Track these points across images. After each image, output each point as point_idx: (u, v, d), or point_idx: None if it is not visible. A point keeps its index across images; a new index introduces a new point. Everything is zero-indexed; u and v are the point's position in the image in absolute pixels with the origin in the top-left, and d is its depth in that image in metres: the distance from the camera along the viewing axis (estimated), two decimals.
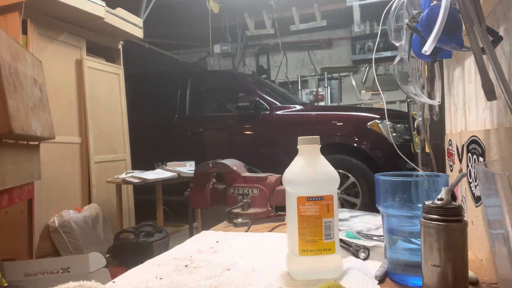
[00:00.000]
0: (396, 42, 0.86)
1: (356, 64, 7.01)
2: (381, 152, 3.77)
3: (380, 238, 0.87)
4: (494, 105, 0.70)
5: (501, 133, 0.62)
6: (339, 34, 7.19)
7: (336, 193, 0.69)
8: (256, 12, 6.30)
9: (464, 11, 0.58)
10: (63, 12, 2.90)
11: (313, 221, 0.67)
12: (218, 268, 0.75)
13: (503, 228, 0.43)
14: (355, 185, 3.80)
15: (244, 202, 1.23)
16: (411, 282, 0.63)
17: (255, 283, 0.67)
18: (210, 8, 4.91)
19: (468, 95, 0.88)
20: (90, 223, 2.94)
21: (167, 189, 3.36)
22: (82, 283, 0.59)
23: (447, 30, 0.60)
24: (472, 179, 0.76)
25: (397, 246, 0.65)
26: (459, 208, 0.54)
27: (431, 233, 0.54)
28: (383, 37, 5.22)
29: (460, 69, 0.95)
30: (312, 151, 0.70)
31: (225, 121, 4.40)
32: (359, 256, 0.78)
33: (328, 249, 0.67)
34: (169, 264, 0.79)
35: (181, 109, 4.58)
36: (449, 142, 1.02)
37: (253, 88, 4.36)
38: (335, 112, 4.31)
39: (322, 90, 7.09)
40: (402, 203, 0.64)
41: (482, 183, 0.53)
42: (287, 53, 7.34)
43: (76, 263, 2.45)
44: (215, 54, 6.95)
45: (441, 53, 0.69)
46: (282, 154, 3.89)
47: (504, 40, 0.63)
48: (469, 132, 0.81)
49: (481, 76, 0.57)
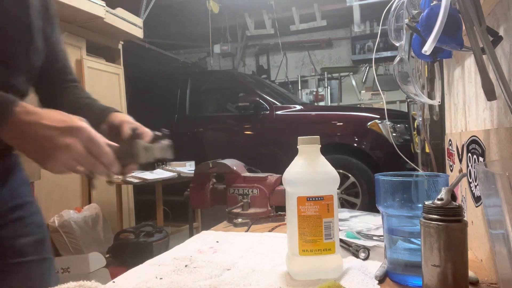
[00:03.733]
0: (396, 42, 0.86)
1: (356, 64, 7.01)
2: (381, 152, 3.77)
3: (380, 238, 0.87)
4: (494, 105, 0.70)
5: (501, 133, 0.62)
6: (339, 34, 7.19)
7: (336, 193, 0.69)
8: (256, 12, 6.30)
9: (464, 11, 0.58)
10: (63, 12, 2.90)
11: (313, 221, 0.67)
12: (218, 268, 0.75)
13: (503, 228, 0.43)
14: (355, 185, 3.80)
15: (244, 202, 1.23)
16: (411, 282, 0.63)
17: (255, 283, 0.67)
18: (210, 8, 4.91)
19: (468, 95, 0.88)
20: (90, 223, 2.94)
21: (167, 189, 3.36)
22: (82, 283, 0.59)
23: (447, 30, 0.60)
24: (472, 179, 0.76)
25: (397, 246, 0.65)
26: (459, 208, 0.54)
27: (431, 233, 0.54)
28: (383, 37, 5.22)
29: (460, 69, 0.95)
30: (312, 151, 0.70)
31: (225, 121, 4.40)
32: (359, 256, 0.78)
33: (328, 249, 0.67)
34: (169, 264, 0.79)
35: (181, 109, 4.58)
36: (449, 142, 1.02)
37: (253, 88, 4.36)
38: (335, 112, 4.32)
39: (322, 90, 7.10)
40: (402, 203, 0.64)
41: (482, 183, 0.53)
42: (287, 53, 7.34)
43: (76, 263, 2.45)
44: (215, 54, 6.95)
45: (441, 53, 0.69)
46: (282, 154, 3.89)
47: (504, 40, 0.63)
48: (469, 132, 0.81)
49: (481, 76, 0.57)
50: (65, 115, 0.69)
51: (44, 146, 0.66)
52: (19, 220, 0.90)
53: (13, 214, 0.89)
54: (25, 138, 0.66)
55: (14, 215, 0.89)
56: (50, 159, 0.66)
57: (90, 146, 0.67)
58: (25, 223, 0.91)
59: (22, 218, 0.91)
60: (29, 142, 0.66)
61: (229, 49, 6.91)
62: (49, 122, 0.66)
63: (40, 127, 0.66)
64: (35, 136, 0.66)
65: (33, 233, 0.92)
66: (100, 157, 0.68)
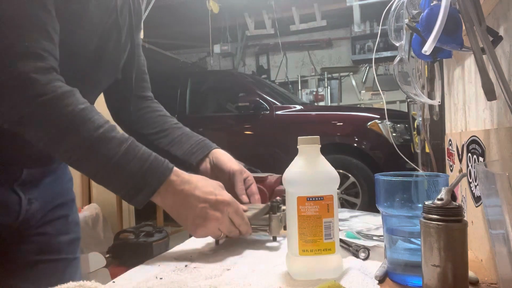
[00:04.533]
0: (396, 42, 0.86)
1: (356, 64, 7.02)
2: (381, 152, 3.77)
3: (380, 238, 0.87)
4: (494, 105, 0.70)
5: (501, 133, 0.62)
6: (339, 34, 7.19)
7: (336, 193, 0.69)
8: (256, 12, 6.30)
9: (464, 11, 0.58)
10: None
11: (313, 221, 0.67)
12: (218, 268, 0.75)
13: (503, 228, 0.43)
14: (355, 185, 3.80)
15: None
16: (411, 282, 0.63)
17: (255, 283, 0.67)
18: (210, 8, 4.91)
19: (468, 95, 0.88)
20: (90, 223, 2.94)
21: None
22: (82, 283, 0.59)
23: (447, 30, 0.60)
24: (472, 179, 0.76)
25: (397, 246, 0.65)
26: (459, 208, 0.54)
27: (431, 233, 0.54)
28: (383, 37, 5.22)
29: (460, 69, 0.95)
30: (312, 151, 0.70)
31: (225, 121, 4.40)
32: (359, 256, 0.78)
33: (328, 249, 0.67)
34: (169, 264, 0.79)
35: (181, 109, 4.58)
36: (449, 142, 1.02)
37: (253, 88, 4.36)
38: (335, 112, 4.32)
39: (322, 90, 7.09)
40: (402, 203, 0.64)
41: (482, 183, 0.53)
42: (287, 53, 7.34)
43: None
44: (215, 54, 6.95)
45: (441, 53, 0.69)
46: (282, 154, 3.89)
47: (504, 40, 0.63)
48: (469, 132, 0.81)
49: (481, 76, 0.57)
50: (213, 185, 0.76)
51: (196, 217, 0.73)
52: (63, 218, 0.91)
53: (60, 211, 0.90)
54: (178, 204, 0.73)
55: (61, 212, 0.90)
56: (200, 228, 0.74)
57: (234, 218, 0.76)
58: (67, 221, 0.92)
59: (66, 216, 0.92)
60: (181, 210, 0.73)
61: (229, 49, 6.91)
62: (201, 194, 0.73)
63: (194, 199, 0.73)
64: (187, 206, 0.73)
65: (72, 231, 0.93)
66: (240, 226, 0.78)
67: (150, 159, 0.70)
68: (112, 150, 0.67)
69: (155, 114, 1.02)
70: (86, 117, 0.67)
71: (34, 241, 0.84)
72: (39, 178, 0.83)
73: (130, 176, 0.68)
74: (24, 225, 0.82)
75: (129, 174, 0.68)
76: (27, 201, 0.81)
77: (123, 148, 0.68)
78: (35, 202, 0.83)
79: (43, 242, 0.85)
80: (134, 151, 0.69)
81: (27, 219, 0.82)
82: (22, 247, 0.83)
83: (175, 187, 0.71)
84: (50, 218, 0.87)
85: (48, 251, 0.86)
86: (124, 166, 0.68)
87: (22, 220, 0.81)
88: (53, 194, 0.88)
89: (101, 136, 0.67)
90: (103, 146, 0.67)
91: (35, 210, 0.83)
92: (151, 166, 0.70)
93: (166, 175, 0.71)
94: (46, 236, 0.86)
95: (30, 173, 0.80)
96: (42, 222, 0.86)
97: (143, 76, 1.02)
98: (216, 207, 0.73)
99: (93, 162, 0.68)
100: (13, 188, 0.79)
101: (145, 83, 1.03)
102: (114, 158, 0.67)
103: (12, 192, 0.78)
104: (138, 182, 0.69)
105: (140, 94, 1.01)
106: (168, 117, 1.04)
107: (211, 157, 0.95)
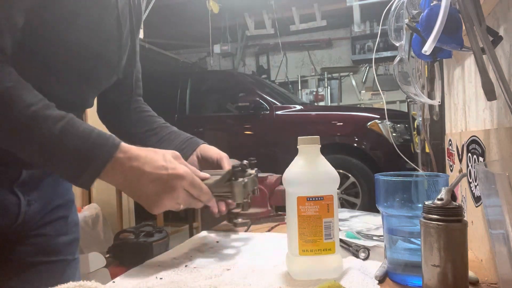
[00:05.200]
0: (396, 42, 0.86)
1: (356, 64, 7.01)
2: (381, 152, 3.77)
3: (380, 238, 0.87)
4: (494, 105, 0.70)
5: (501, 133, 0.62)
6: (339, 34, 7.18)
7: (336, 193, 0.69)
8: (256, 12, 6.30)
9: (464, 11, 0.58)
10: None
11: (313, 221, 0.67)
12: (218, 268, 0.75)
13: (503, 228, 0.43)
14: (355, 185, 3.80)
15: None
16: (411, 282, 0.63)
17: (255, 283, 0.67)
18: (210, 8, 4.91)
19: (468, 95, 0.88)
20: (90, 223, 2.94)
21: None
22: (82, 283, 0.59)
23: (447, 30, 0.60)
24: (472, 179, 0.76)
25: (397, 246, 0.65)
26: (459, 208, 0.54)
27: (431, 233, 0.54)
28: (383, 37, 5.22)
29: (460, 69, 0.95)
30: (312, 151, 0.70)
31: (225, 121, 4.40)
32: (359, 256, 0.78)
33: (328, 249, 0.67)
34: (169, 264, 0.79)
35: (181, 109, 4.58)
36: (449, 142, 1.02)
37: (253, 88, 4.36)
38: (335, 112, 4.32)
39: (322, 90, 7.09)
40: (402, 203, 0.64)
41: (482, 183, 0.53)
42: (287, 53, 7.33)
43: None
44: (215, 54, 6.95)
45: (441, 53, 0.69)
46: (282, 154, 3.89)
47: (504, 40, 0.63)
48: (469, 132, 0.81)
49: (481, 76, 0.57)
50: (165, 158, 0.70)
51: (150, 195, 0.68)
52: (63, 219, 0.90)
53: (59, 212, 0.89)
54: (128, 182, 0.68)
55: (60, 213, 0.89)
56: (156, 205, 0.69)
57: (191, 190, 0.71)
58: (66, 222, 0.91)
59: (65, 217, 0.91)
60: (132, 187, 0.68)
61: (229, 49, 6.91)
62: (152, 170, 0.67)
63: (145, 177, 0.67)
64: (138, 183, 0.67)
65: (71, 232, 0.92)
66: (199, 197, 0.73)
67: (92, 136, 0.64)
68: (47, 129, 0.61)
69: (144, 114, 1.02)
70: (15, 95, 0.60)
71: (33, 243, 0.84)
72: (38, 179, 0.83)
73: (71, 155, 0.63)
74: (23, 226, 0.81)
75: (70, 154, 0.63)
76: (26, 202, 0.80)
77: (59, 126, 0.62)
78: (34, 204, 0.82)
79: (42, 243, 0.85)
80: (72, 129, 0.63)
81: (26, 221, 0.81)
82: (21, 249, 0.83)
83: (123, 165, 0.66)
84: (49, 219, 0.86)
85: (47, 252, 0.85)
86: (63, 146, 0.62)
87: (21, 222, 0.80)
88: (52, 195, 0.87)
89: (33, 115, 0.61)
90: (36, 126, 0.61)
91: (34, 212, 0.83)
92: (95, 143, 0.64)
93: (112, 152, 0.65)
94: (45, 237, 0.85)
95: (30, 174, 0.79)
96: (41, 223, 0.85)
97: (138, 76, 1.02)
98: (169, 182, 0.68)
99: (28, 144, 0.62)
100: (12, 190, 0.78)
101: (140, 83, 1.04)
102: (51, 138, 0.62)
103: (11, 193, 0.77)
104: (81, 161, 0.63)
105: (134, 93, 1.01)
106: (156, 117, 1.04)
107: (199, 152, 0.94)
